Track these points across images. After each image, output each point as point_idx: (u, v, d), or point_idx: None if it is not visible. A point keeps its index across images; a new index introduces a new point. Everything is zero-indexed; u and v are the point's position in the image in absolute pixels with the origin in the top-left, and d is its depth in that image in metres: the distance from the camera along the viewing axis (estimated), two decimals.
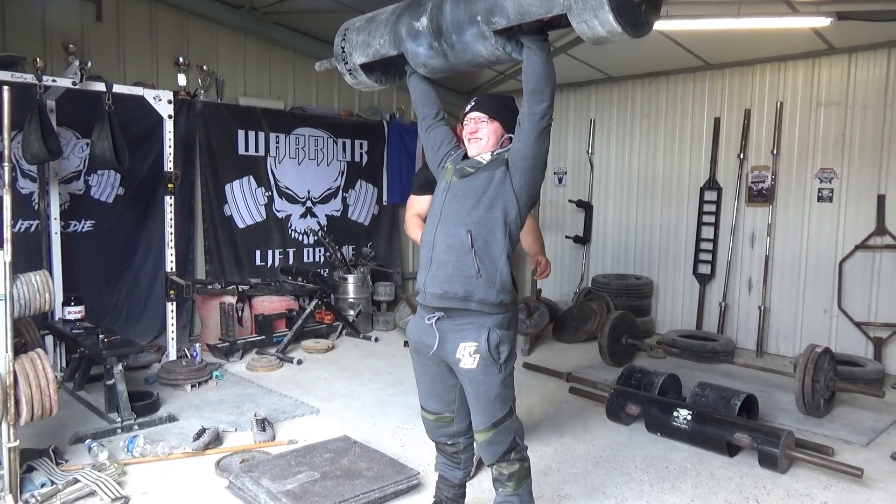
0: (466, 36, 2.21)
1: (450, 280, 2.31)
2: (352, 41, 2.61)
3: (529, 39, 2.17)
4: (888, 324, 5.14)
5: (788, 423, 3.96)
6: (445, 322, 2.37)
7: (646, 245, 6.63)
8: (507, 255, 2.34)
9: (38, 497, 2.82)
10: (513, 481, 2.43)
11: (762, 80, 5.77)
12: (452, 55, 2.29)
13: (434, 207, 2.45)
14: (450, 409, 2.54)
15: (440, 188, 2.47)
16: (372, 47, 2.53)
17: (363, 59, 2.58)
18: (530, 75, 2.20)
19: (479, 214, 2.32)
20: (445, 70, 2.44)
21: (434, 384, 2.52)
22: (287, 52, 6.54)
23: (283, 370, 5.10)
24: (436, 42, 2.30)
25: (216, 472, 3.21)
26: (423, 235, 2.48)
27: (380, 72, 2.71)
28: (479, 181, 2.35)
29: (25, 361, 2.78)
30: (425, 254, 2.42)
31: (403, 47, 2.41)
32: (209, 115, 5.90)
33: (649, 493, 3.14)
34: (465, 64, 2.34)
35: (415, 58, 2.40)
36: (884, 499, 3.12)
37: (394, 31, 2.43)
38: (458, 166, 2.43)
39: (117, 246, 5.45)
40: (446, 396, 2.52)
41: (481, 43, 2.20)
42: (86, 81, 4.31)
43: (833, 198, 5.42)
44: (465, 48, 2.25)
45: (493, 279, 2.30)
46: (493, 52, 2.22)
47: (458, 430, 2.57)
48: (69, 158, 5.12)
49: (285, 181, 6.51)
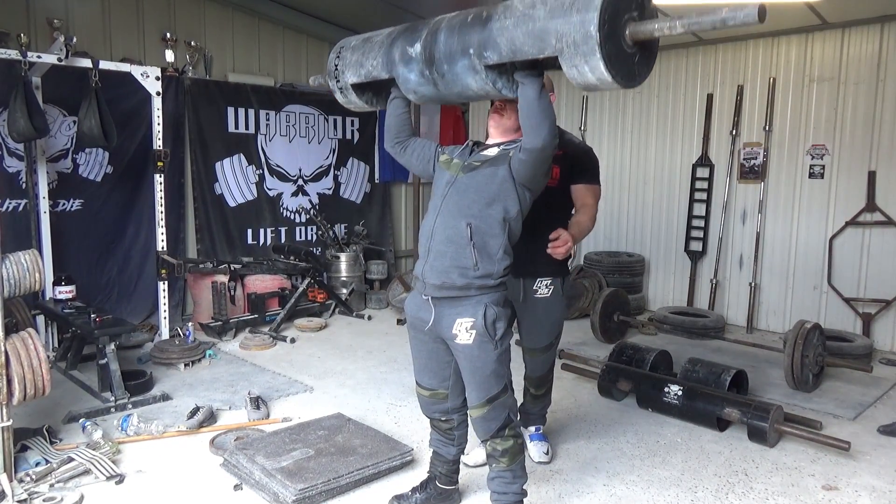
0: (457, 67, 2.19)
1: (447, 271, 2.33)
2: (346, 59, 2.60)
3: (522, 74, 2.14)
4: (877, 299, 5.19)
5: (778, 397, 4.01)
6: (442, 299, 2.38)
7: (638, 222, 6.64)
8: (505, 250, 2.35)
9: (33, 476, 2.83)
10: (506, 457, 2.45)
11: (755, 56, 5.75)
12: (442, 85, 2.28)
13: (435, 199, 2.46)
14: (444, 386, 2.56)
15: (443, 179, 2.46)
16: (365, 68, 2.52)
17: (355, 78, 2.57)
18: (525, 110, 2.18)
19: (480, 208, 2.33)
20: (435, 99, 2.42)
21: (429, 360, 2.54)
22: (276, 28, 6.44)
23: (277, 349, 5.10)
24: (427, 70, 2.28)
25: (211, 450, 3.23)
26: (421, 225, 2.48)
27: (371, 93, 2.70)
28: (483, 176, 2.35)
29: (17, 341, 2.77)
30: (423, 243, 2.43)
31: (395, 71, 2.40)
32: (198, 92, 5.82)
33: (640, 467, 3.19)
34: (454, 95, 2.32)
35: (405, 83, 2.39)
36: (870, 471, 3.17)
37: (387, 55, 2.41)
38: (467, 162, 2.43)
39: (107, 225, 5.40)
40: (441, 372, 2.54)
41: (472, 76, 2.18)
42: (71, 58, 4.24)
43: (824, 174, 5.43)
44: (456, 79, 2.23)
45: (490, 272, 2.33)
46: (483, 87, 2.20)
47: (451, 406, 2.59)
48: (56, 136, 5.05)
49: (276, 159, 6.46)
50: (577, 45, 1.83)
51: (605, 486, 2.99)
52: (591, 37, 1.80)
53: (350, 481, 2.86)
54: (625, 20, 1.87)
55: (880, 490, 2.99)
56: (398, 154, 2.65)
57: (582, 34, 1.81)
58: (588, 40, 1.81)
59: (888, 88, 5.06)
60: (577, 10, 1.83)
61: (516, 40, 1.99)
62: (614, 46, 1.85)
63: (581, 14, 1.81)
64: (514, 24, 1.99)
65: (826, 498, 2.93)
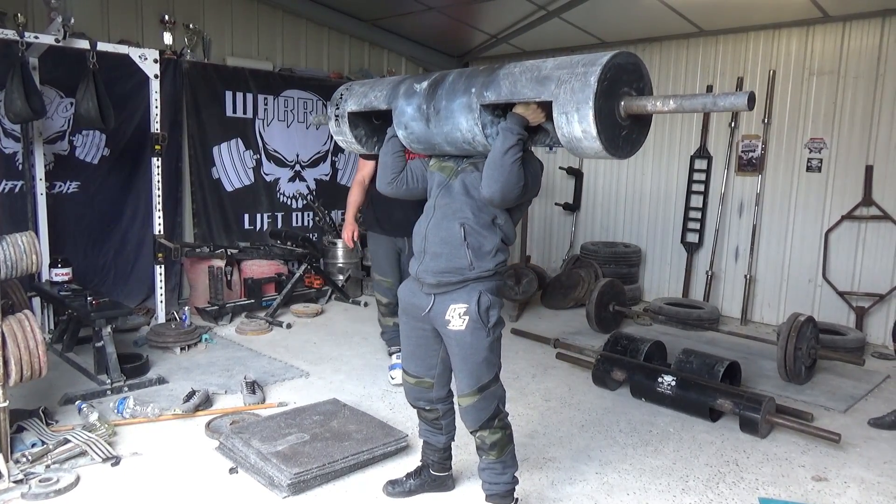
0: (455, 104, 2.27)
1: (443, 272, 2.35)
2: (353, 90, 2.71)
3: (507, 123, 2.17)
4: (870, 293, 5.22)
5: (770, 389, 4.04)
6: (439, 293, 2.39)
7: (635, 213, 6.65)
8: (500, 249, 2.36)
9: (30, 456, 2.84)
10: (495, 450, 2.45)
11: (755, 48, 5.73)
12: (434, 121, 2.34)
13: (428, 200, 2.47)
14: (430, 374, 2.55)
15: (435, 182, 2.46)
16: (367, 98, 2.61)
17: (355, 107, 2.65)
18: (490, 157, 2.21)
19: (472, 211, 2.34)
20: (420, 138, 2.45)
21: (418, 346, 2.54)
22: (275, 11, 6.40)
23: (273, 334, 5.11)
24: (425, 104, 2.35)
25: (206, 433, 3.25)
26: (415, 227, 2.48)
27: (363, 131, 2.75)
28: (473, 180, 2.35)
29: (13, 322, 2.77)
30: (418, 243, 2.43)
31: (395, 103, 2.47)
32: (196, 76, 5.79)
33: (633, 455, 3.21)
34: (441, 135, 2.36)
35: (400, 116, 2.45)
36: (859, 462, 3.21)
37: (394, 89, 2.51)
38: (461, 166, 2.43)
39: (103, 207, 5.39)
40: (428, 360, 2.54)
41: (466, 114, 2.25)
42: (69, 38, 4.20)
43: (822, 168, 5.44)
44: (449, 116, 2.29)
45: (486, 268, 2.34)
46: (472, 128, 2.25)
47: (436, 396, 2.59)
48: (53, 118, 5.02)
49: (274, 144, 6.44)
50: (573, 92, 1.94)
51: (597, 474, 3.01)
52: (590, 86, 1.91)
53: (345, 466, 2.88)
54: (623, 91, 2.01)
55: (869, 481, 3.03)
56: (396, 190, 2.58)
57: (581, 83, 1.94)
58: (585, 88, 1.92)
59: (887, 83, 5.06)
60: (583, 64, 1.98)
61: (518, 83, 2.12)
62: (607, 107, 1.96)
63: (586, 67, 1.96)
64: (521, 71, 2.14)
65: (815, 488, 2.96)
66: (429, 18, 6.44)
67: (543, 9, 5.96)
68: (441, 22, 6.57)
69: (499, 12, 6.29)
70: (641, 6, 5.49)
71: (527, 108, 2.19)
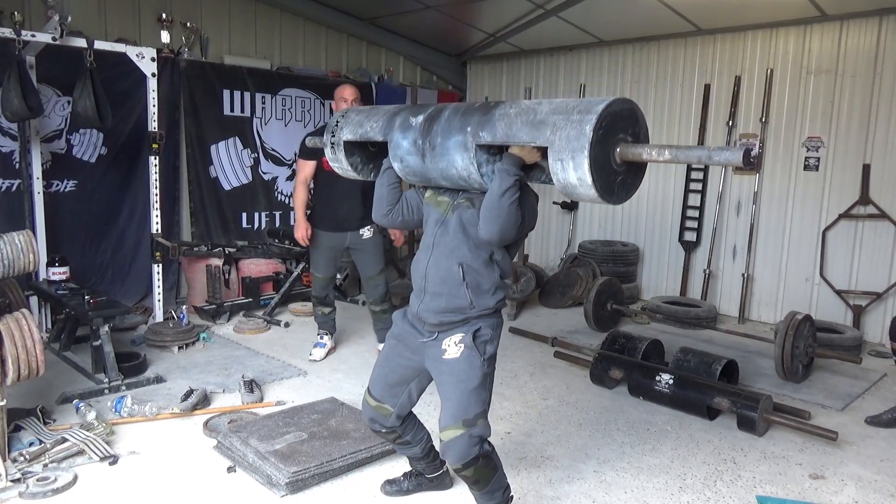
0: (450, 142, 2.24)
1: (444, 312, 2.32)
2: (349, 118, 2.67)
3: (502, 165, 2.14)
4: (868, 292, 5.23)
5: (767, 387, 4.05)
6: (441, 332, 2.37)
7: (633, 212, 6.65)
8: (498, 286, 2.34)
9: (27, 455, 2.84)
10: (480, 482, 2.35)
11: (753, 47, 5.73)
12: (430, 157, 2.31)
13: (426, 237, 2.43)
14: (392, 403, 2.48)
15: (433, 218, 2.42)
16: (363, 128, 2.58)
17: (350, 136, 2.62)
18: (486, 200, 2.17)
19: (469, 249, 2.30)
20: (416, 172, 2.42)
21: (392, 373, 2.48)
22: (273, 10, 6.39)
23: (271, 333, 5.11)
24: (421, 140, 2.32)
25: (204, 432, 3.25)
26: (414, 262, 2.44)
27: (359, 159, 2.72)
28: (469, 216, 2.31)
29: (10, 321, 2.77)
30: (418, 282, 2.40)
31: (390, 136, 2.44)
32: (193, 74, 5.77)
33: (630, 454, 3.22)
34: (437, 170, 2.33)
35: (395, 149, 2.42)
36: (856, 460, 3.22)
37: (390, 121, 2.48)
38: (456, 201, 2.38)
39: (101, 206, 5.37)
40: (396, 389, 2.48)
41: (461, 153, 2.22)
42: (66, 37, 4.20)
43: (819, 167, 5.44)
44: (445, 153, 2.26)
45: (487, 306, 2.32)
46: (468, 167, 2.22)
47: (392, 425, 2.52)
48: (50, 117, 5.01)
49: (272, 143, 6.42)
50: (569, 139, 1.92)
51: (595, 473, 3.02)
52: (585, 135, 1.89)
53: (343, 465, 2.88)
54: (618, 137, 1.98)
55: (866, 479, 3.04)
56: (392, 221, 2.56)
57: (577, 131, 1.91)
58: (581, 137, 1.90)
59: (885, 82, 5.07)
60: (579, 111, 1.95)
61: (514, 126, 2.10)
62: (602, 154, 1.94)
63: (581, 115, 1.93)
64: (516, 114, 2.12)
65: (812, 486, 2.97)
66: (427, 17, 6.44)
67: (541, 7, 5.96)
68: (439, 20, 6.56)
69: (497, 11, 6.29)
70: (639, 5, 5.49)
71: (522, 149, 2.15)
